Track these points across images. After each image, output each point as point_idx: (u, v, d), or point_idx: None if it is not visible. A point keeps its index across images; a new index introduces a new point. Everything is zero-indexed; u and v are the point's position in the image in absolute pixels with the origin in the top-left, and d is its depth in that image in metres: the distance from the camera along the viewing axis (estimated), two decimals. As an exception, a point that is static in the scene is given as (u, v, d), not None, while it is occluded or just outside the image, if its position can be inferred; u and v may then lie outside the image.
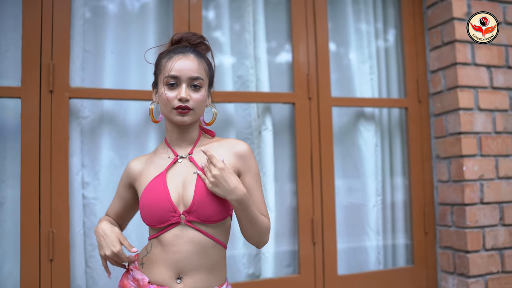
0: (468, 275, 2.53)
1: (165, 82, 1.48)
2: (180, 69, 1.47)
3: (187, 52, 1.51)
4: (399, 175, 2.86)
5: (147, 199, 1.47)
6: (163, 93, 1.48)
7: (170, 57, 1.50)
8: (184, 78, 1.47)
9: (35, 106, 2.18)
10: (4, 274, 2.20)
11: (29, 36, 2.20)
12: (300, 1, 2.66)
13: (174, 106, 1.47)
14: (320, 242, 2.55)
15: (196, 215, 1.44)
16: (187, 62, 1.48)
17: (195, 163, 1.50)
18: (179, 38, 1.57)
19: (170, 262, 1.45)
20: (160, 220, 1.45)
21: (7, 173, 2.23)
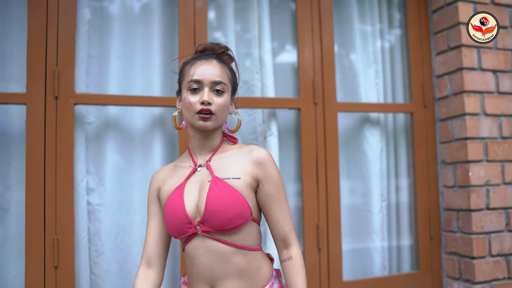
0: (474, 281, 2.52)
1: (188, 87, 1.48)
2: (203, 74, 1.47)
3: (210, 58, 1.52)
4: (404, 180, 2.85)
5: (167, 211, 1.48)
6: (186, 98, 1.48)
7: (193, 63, 1.50)
8: (206, 82, 1.47)
9: (40, 112, 2.17)
10: (9, 280, 2.19)
11: (34, 42, 2.19)
12: (306, 7, 2.65)
13: (196, 111, 1.45)
14: (326, 248, 2.55)
15: (209, 224, 1.41)
16: (210, 67, 1.48)
17: (211, 171, 1.48)
18: (203, 48, 1.58)
19: (198, 274, 1.46)
20: (179, 232, 1.46)
21: (12, 179, 2.23)
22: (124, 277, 2.36)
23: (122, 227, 2.37)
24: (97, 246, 2.32)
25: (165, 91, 2.48)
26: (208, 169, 1.49)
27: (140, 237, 2.39)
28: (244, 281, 1.43)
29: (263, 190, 1.47)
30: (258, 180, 1.47)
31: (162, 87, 2.48)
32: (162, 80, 2.48)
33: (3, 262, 2.19)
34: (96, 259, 2.31)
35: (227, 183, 1.43)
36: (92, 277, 2.30)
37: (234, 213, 1.41)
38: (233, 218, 1.41)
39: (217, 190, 1.42)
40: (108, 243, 2.33)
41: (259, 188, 1.48)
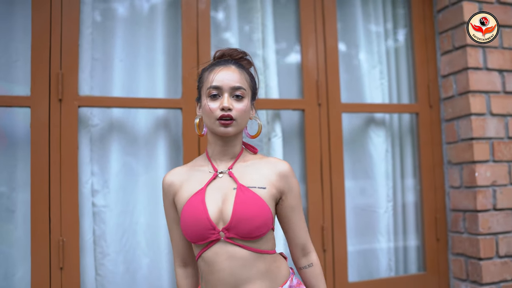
0: (481, 282, 2.49)
1: (208, 93, 1.46)
2: (222, 80, 1.45)
3: (228, 64, 1.50)
4: (410, 181, 2.83)
5: (187, 216, 1.44)
6: (206, 104, 1.46)
7: (212, 69, 1.49)
8: (226, 88, 1.45)
9: (44, 115, 2.19)
10: (15, 281, 2.21)
11: (38, 45, 2.21)
12: (309, 7, 2.65)
13: (217, 117, 1.43)
14: (331, 249, 2.54)
15: (235, 231, 1.40)
16: (229, 73, 1.47)
17: (235, 178, 1.47)
18: (221, 54, 1.56)
19: (219, 281, 1.42)
20: (200, 237, 1.42)
21: (18, 181, 2.25)
22: (129, 278, 2.37)
23: (127, 228, 2.39)
24: (102, 248, 2.33)
25: (168, 93, 2.49)
26: (231, 176, 1.48)
27: (145, 239, 2.40)
28: (267, 281, 1.43)
29: (286, 202, 1.49)
30: (282, 192, 1.49)
31: (165, 89, 2.49)
32: (166, 82, 2.49)
33: (10, 263, 2.21)
34: (101, 260, 2.33)
35: (253, 191, 1.43)
36: (98, 278, 2.32)
37: (260, 221, 1.40)
38: (259, 226, 1.40)
39: (244, 198, 1.42)
40: (113, 245, 2.35)
41: (281, 200, 1.49)
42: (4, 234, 2.23)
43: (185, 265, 1.58)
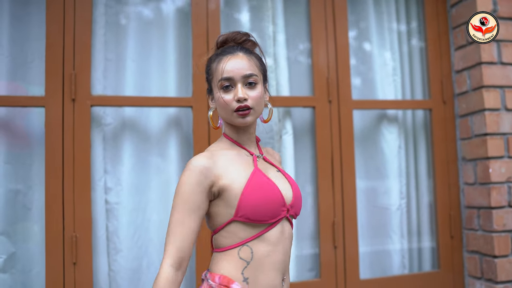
0: (496, 280, 2.45)
1: (220, 85, 1.43)
2: (232, 70, 1.42)
3: (235, 51, 1.45)
4: (424, 177, 2.80)
5: (257, 193, 1.37)
6: (220, 97, 1.43)
7: (220, 60, 1.45)
8: (238, 78, 1.41)
9: (58, 114, 2.25)
10: (32, 277, 2.28)
11: (52, 47, 2.28)
12: (320, 4, 2.65)
13: (233, 109, 1.41)
14: (342, 245, 2.53)
15: (294, 210, 1.43)
16: (238, 61, 1.43)
17: (271, 162, 1.51)
18: (224, 40, 1.51)
19: (278, 263, 1.39)
20: (273, 215, 1.38)
21: (34, 179, 2.32)
22: (142, 274, 2.42)
23: (139, 225, 2.43)
24: (115, 244, 2.38)
25: (180, 91, 2.53)
26: (266, 160, 1.51)
27: (157, 235, 2.44)
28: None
29: None
30: None
31: (177, 88, 2.52)
32: (177, 81, 2.53)
33: (27, 259, 2.29)
34: (114, 256, 2.38)
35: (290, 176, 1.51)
36: (111, 274, 2.37)
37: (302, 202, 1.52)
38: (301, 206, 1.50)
39: (292, 180, 1.49)
40: (125, 241, 2.40)
41: None
42: (21, 231, 2.30)
43: (179, 267, 1.33)
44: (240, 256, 1.37)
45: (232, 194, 1.37)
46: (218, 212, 1.40)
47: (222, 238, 1.41)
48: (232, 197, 1.37)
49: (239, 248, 1.37)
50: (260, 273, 1.37)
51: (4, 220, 2.26)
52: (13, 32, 2.34)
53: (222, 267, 1.38)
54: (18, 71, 2.35)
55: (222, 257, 1.39)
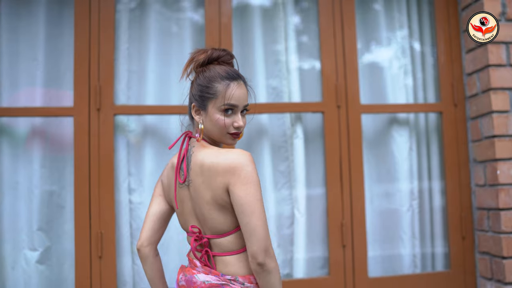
0: (504, 281, 2.47)
1: (223, 108, 1.52)
2: (238, 99, 1.53)
3: (238, 80, 1.55)
4: (436, 179, 2.85)
5: None
6: (220, 119, 1.52)
7: (228, 85, 1.53)
8: (240, 107, 1.54)
9: (85, 122, 2.51)
10: (65, 269, 2.55)
11: (80, 62, 2.54)
12: (328, 14, 2.76)
13: (230, 132, 1.54)
14: (350, 245, 2.64)
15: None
16: (242, 91, 1.54)
17: None
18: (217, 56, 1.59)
19: None
20: None
21: (67, 181, 2.59)
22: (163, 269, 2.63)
23: (160, 223, 2.64)
24: (138, 240, 2.61)
25: (193, 99, 2.72)
26: None
27: (176, 234, 2.64)
28: None
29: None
30: None
31: (194, 97, 2.72)
32: (194, 90, 2.73)
33: (61, 253, 2.56)
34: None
35: None
36: (135, 267, 2.60)
37: None
38: None
39: None
40: (147, 238, 2.61)
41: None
42: (56, 228, 2.57)
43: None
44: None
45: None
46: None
47: (238, 239, 1.49)
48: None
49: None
50: None
51: (41, 217, 2.55)
52: (47, 49, 2.63)
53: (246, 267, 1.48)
54: (52, 82, 2.63)
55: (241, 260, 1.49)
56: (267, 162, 2.76)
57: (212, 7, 2.68)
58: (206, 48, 1.62)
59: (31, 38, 2.62)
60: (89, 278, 2.46)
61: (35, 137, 2.60)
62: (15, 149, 2.58)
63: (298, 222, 2.71)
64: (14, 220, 2.54)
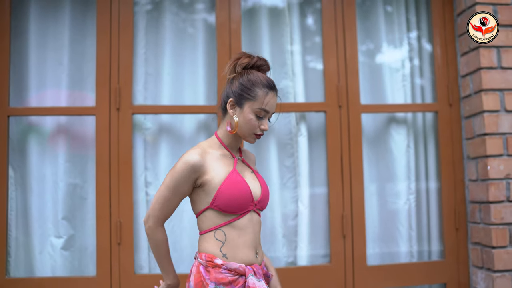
0: (493, 269, 2.65)
1: (257, 112, 1.75)
2: (272, 107, 1.78)
3: (275, 91, 1.80)
4: (431, 175, 3.04)
5: (231, 190, 1.72)
6: (252, 119, 1.76)
7: (267, 93, 1.76)
8: (270, 114, 1.80)
9: (105, 121, 2.74)
10: (88, 254, 2.78)
11: (101, 65, 2.77)
12: (331, 18, 2.96)
13: (255, 132, 1.78)
14: (350, 235, 2.83)
15: (260, 205, 1.82)
16: (275, 101, 1.80)
17: (248, 164, 1.90)
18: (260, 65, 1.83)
19: (249, 241, 1.76)
20: (242, 208, 1.74)
21: (89, 175, 2.82)
22: (176, 256, 2.83)
23: (174, 215, 2.77)
24: (154, 229, 2.83)
25: (208, 100, 2.94)
26: (244, 162, 1.89)
27: (189, 224, 2.86)
28: None
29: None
30: None
31: (206, 97, 2.94)
32: (206, 92, 2.94)
33: (84, 240, 2.79)
34: (153, 240, 2.83)
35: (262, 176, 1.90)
36: (150, 255, 2.82)
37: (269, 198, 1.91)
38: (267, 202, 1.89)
39: (262, 180, 1.87)
40: (162, 227, 2.84)
41: None
42: (79, 217, 2.81)
43: (161, 224, 1.82)
44: (216, 238, 1.73)
45: (211, 187, 1.73)
46: (198, 199, 1.77)
47: (201, 222, 1.78)
48: (211, 189, 1.73)
49: (214, 231, 1.74)
50: (236, 249, 1.73)
51: (65, 207, 2.78)
52: (71, 53, 2.86)
53: (206, 247, 1.75)
54: (75, 84, 2.87)
55: (204, 239, 1.76)
56: (274, 158, 2.97)
57: (222, 13, 2.89)
58: (251, 53, 1.86)
59: (57, 43, 2.86)
60: (109, 263, 2.69)
61: (60, 134, 2.84)
62: (42, 145, 2.82)
63: (302, 214, 2.92)
64: (41, 210, 2.78)
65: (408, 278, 2.90)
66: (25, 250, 2.76)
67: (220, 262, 1.70)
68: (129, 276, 2.70)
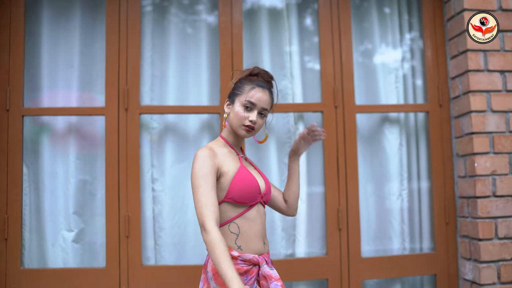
0: (480, 260, 2.81)
1: (244, 104, 1.92)
2: (259, 100, 1.92)
3: (265, 88, 1.96)
4: (423, 172, 3.21)
5: (243, 183, 1.87)
6: (240, 112, 1.92)
7: (253, 87, 1.93)
8: (258, 107, 1.93)
9: (114, 121, 2.90)
10: (97, 247, 2.94)
11: (110, 68, 2.93)
12: (327, 22, 3.12)
13: (244, 124, 1.92)
14: (345, 228, 3.00)
15: (266, 197, 2.00)
16: (264, 96, 1.94)
17: (251, 162, 2.08)
18: (257, 72, 2.01)
19: (259, 232, 1.91)
20: (252, 199, 1.89)
21: (98, 171, 2.98)
22: (181, 248, 3.01)
23: (179, 209, 3.03)
24: (160, 223, 2.99)
25: (211, 101, 3.10)
26: (247, 160, 2.06)
27: (193, 218, 3.00)
28: None
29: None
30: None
31: (209, 98, 3.10)
32: (209, 93, 3.10)
33: (94, 233, 2.95)
34: (159, 233, 2.99)
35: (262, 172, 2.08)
36: (157, 247, 2.99)
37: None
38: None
39: (265, 176, 2.05)
40: (168, 221, 3.00)
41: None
42: (89, 211, 2.97)
43: (218, 224, 1.75)
44: (230, 231, 1.87)
45: (226, 180, 1.87)
46: None
47: None
48: (226, 183, 1.88)
49: (228, 225, 1.88)
50: (248, 241, 1.89)
51: (76, 203, 2.94)
52: (82, 56, 3.03)
53: None
54: (86, 85, 3.03)
55: None
56: (273, 156, 3.13)
57: (224, 18, 3.05)
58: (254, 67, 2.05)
59: (68, 47, 3.02)
60: (118, 255, 2.85)
61: (71, 133, 3.00)
62: (54, 143, 2.98)
63: (300, 208, 3.07)
64: (53, 205, 2.94)
65: (400, 270, 3.07)
66: (38, 243, 2.92)
67: (236, 254, 1.84)
68: (137, 267, 2.86)
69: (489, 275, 2.81)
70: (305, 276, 2.99)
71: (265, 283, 1.87)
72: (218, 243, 1.69)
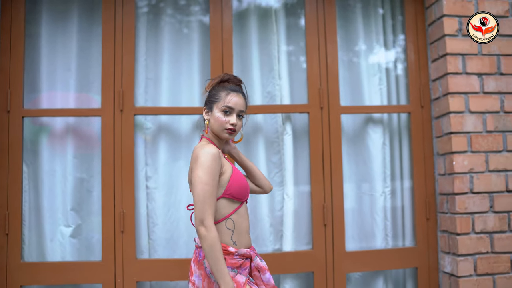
0: (457, 254, 2.96)
1: (222, 109, 2.09)
2: (235, 104, 2.10)
3: (239, 92, 2.14)
4: (405, 170, 3.36)
5: (239, 181, 2.07)
6: (220, 117, 2.09)
7: (229, 93, 2.11)
8: (236, 110, 2.10)
9: (110, 121, 3.04)
10: (94, 242, 3.09)
11: (106, 71, 3.07)
12: (313, 27, 3.26)
13: (226, 128, 2.09)
14: (330, 224, 3.14)
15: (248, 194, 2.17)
16: (240, 100, 2.12)
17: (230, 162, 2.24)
18: (228, 78, 2.20)
19: (247, 227, 2.11)
20: (245, 196, 2.10)
21: (94, 170, 3.12)
22: (173, 243, 3.16)
23: (171, 205, 3.17)
24: (153, 219, 3.14)
25: (203, 102, 3.21)
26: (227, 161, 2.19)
27: (185, 214, 3.15)
28: None
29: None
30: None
31: (201, 99, 3.24)
32: (200, 94, 3.24)
33: (90, 228, 3.10)
34: (153, 228, 3.13)
35: None
36: (150, 242, 3.13)
37: None
38: None
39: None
40: (161, 217, 3.15)
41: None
42: (85, 208, 3.11)
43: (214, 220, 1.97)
44: (227, 227, 2.04)
45: (225, 177, 2.05)
46: None
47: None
48: (225, 180, 2.05)
49: (225, 221, 2.05)
50: (240, 236, 2.08)
51: (73, 199, 3.09)
52: (79, 60, 3.17)
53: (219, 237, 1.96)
54: (82, 88, 3.17)
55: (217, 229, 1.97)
56: (262, 155, 3.27)
57: (214, 23, 3.19)
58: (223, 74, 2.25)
59: (66, 51, 3.17)
60: (113, 249, 2.99)
61: (68, 133, 3.14)
62: (52, 143, 3.13)
63: (287, 205, 3.22)
64: (52, 202, 3.09)
65: (383, 263, 3.22)
66: (38, 238, 3.07)
67: (233, 250, 2.00)
68: (131, 260, 3.00)
69: (466, 268, 2.95)
70: (292, 269, 3.14)
71: (257, 273, 2.07)
72: (217, 241, 1.89)
